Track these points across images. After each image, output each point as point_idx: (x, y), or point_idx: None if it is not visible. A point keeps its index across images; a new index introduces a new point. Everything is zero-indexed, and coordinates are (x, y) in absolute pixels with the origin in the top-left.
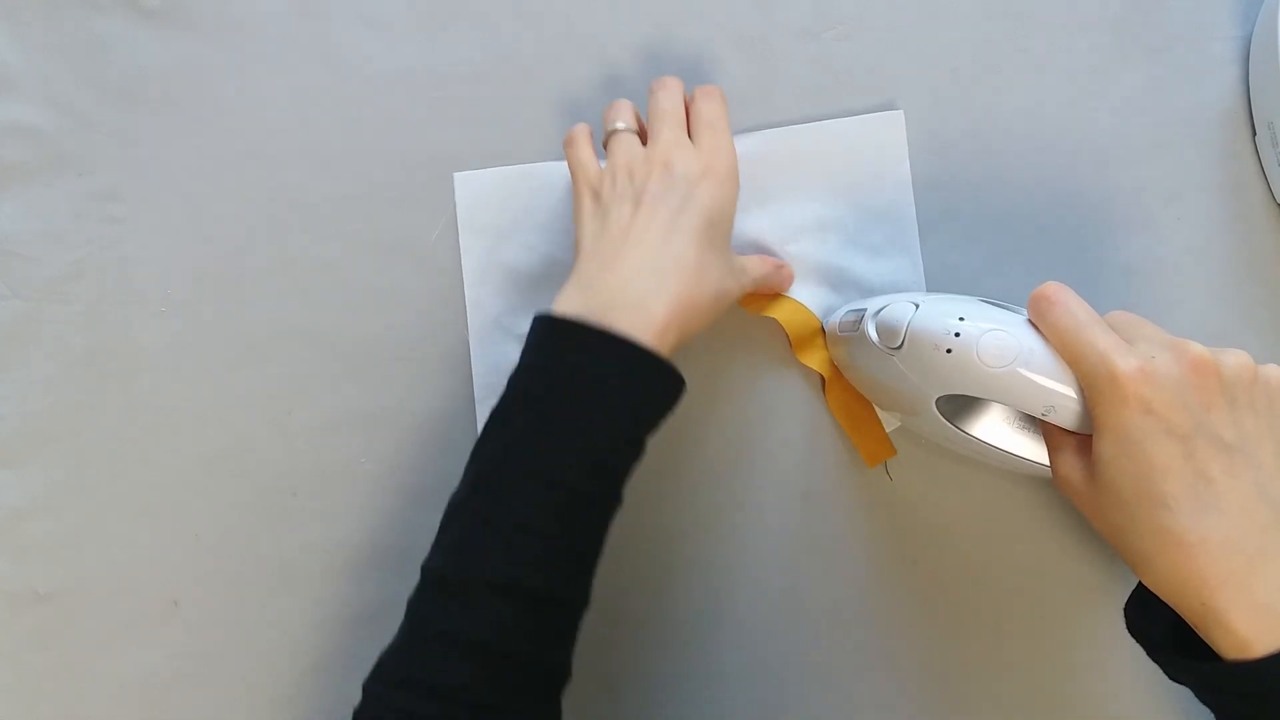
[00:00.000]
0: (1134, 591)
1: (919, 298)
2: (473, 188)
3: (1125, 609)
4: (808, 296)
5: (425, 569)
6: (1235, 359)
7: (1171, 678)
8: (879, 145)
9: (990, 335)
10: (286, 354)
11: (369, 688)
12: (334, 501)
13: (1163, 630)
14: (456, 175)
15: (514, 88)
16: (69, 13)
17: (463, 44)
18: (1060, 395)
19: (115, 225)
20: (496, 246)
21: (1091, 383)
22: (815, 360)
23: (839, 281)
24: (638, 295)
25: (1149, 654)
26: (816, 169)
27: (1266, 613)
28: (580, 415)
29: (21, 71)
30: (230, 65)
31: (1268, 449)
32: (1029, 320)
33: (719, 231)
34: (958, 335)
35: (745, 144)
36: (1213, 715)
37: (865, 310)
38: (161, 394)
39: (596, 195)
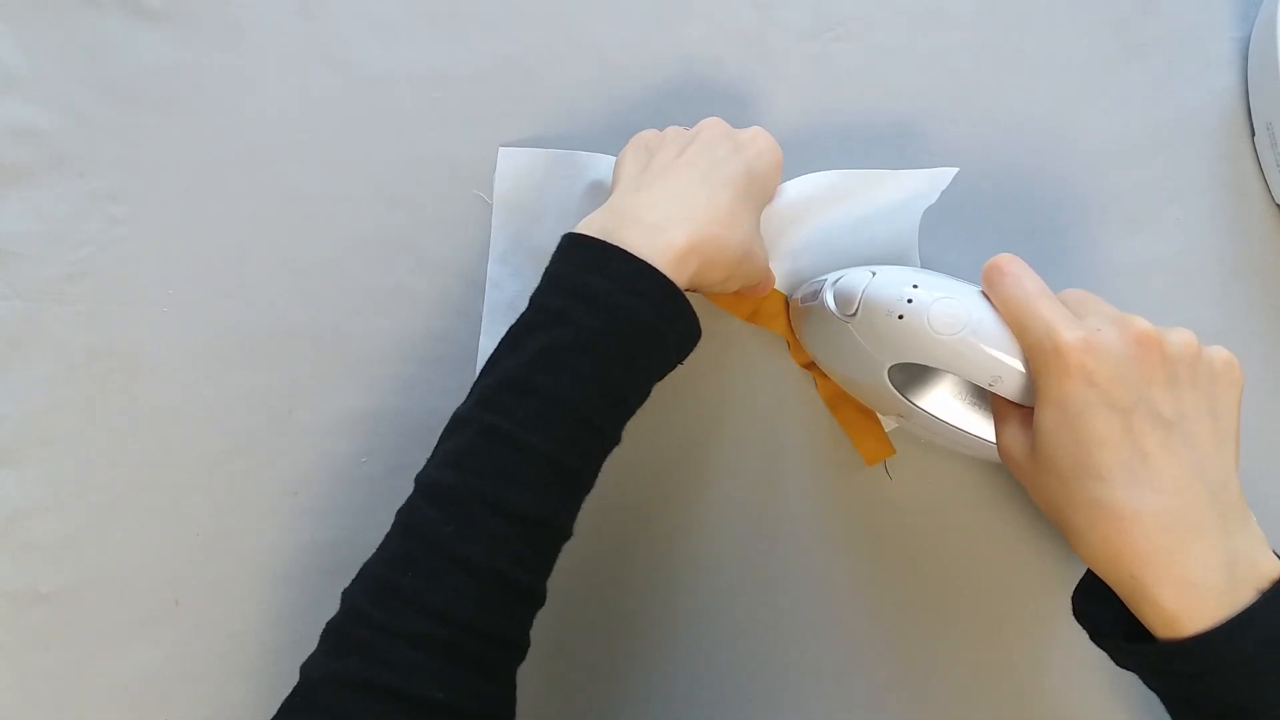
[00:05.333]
0: (1082, 579)
1: (877, 268)
2: (514, 165)
3: (1073, 595)
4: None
5: (421, 481)
6: (1180, 337)
7: (1118, 663)
8: (917, 193)
9: (942, 303)
10: (286, 354)
11: (350, 598)
12: (334, 501)
13: (1110, 618)
14: (501, 149)
15: (514, 88)
16: (69, 13)
17: (463, 45)
18: (1006, 366)
19: (116, 225)
20: (526, 228)
21: (1036, 353)
22: (808, 359)
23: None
24: (660, 217)
25: (1092, 639)
26: (858, 207)
27: (1195, 590)
28: (591, 341)
29: (21, 71)
30: (231, 65)
31: (1206, 427)
32: (982, 291)
33: (756, 189)
34: (910, 302)
35: (808, 184)
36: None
37: (825, 281)
38: (161, 394)
39: (646, 145)
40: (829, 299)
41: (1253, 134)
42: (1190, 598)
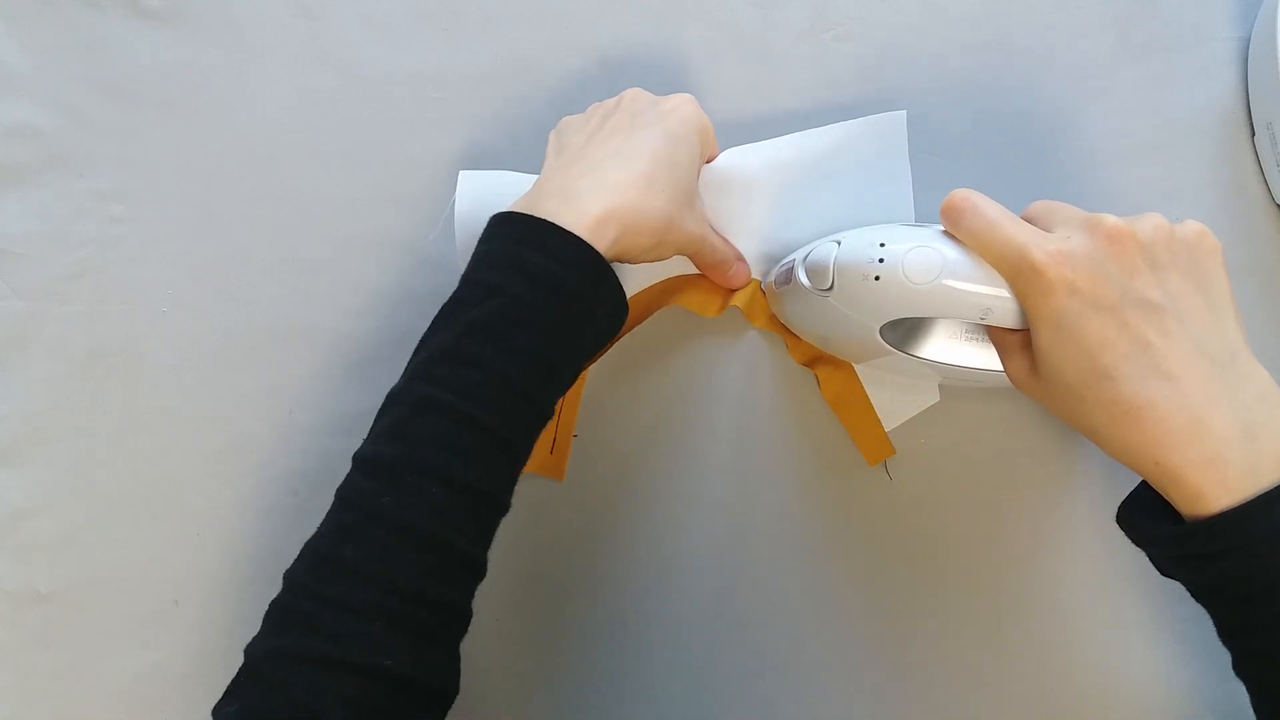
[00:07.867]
0: (1131, 492)
1: (840, 235)
2: (475, 187)
3: (1120, 507)
4: None
5: (358, 457)
6: (1149, 222)
7: (1160, 569)
8: (881, 146)
9: (913, 253)
10: (286, 354)
11: (291, 576)
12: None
13: (1158, 530)
14: (461, 173)
15: (514, 88)
16: (69, 13)
17: (463, 45)
18: (992, 297)
19: (116, 225)
20: None
21: (1015, 277)
22: (808, 357)
23: None
24: (577, 188)
25: (1133, 541)
26: (820, 172)
27: (1216, 464)
28: (521, 309)
29: (21, 71)
30: (230, 65)
31: (1198, 303)
32: (945, 231)
33: (682, 154)
34: (882, 261)
35: (752, 153)
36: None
37: (794, 260)
38: (162, 394)
39: (564, 129)
40: (802, 277)
41: (1253, 134)
42: (1212, 472)
